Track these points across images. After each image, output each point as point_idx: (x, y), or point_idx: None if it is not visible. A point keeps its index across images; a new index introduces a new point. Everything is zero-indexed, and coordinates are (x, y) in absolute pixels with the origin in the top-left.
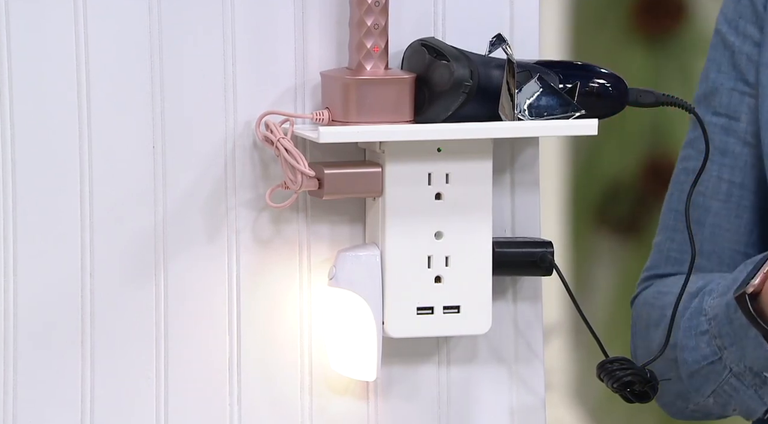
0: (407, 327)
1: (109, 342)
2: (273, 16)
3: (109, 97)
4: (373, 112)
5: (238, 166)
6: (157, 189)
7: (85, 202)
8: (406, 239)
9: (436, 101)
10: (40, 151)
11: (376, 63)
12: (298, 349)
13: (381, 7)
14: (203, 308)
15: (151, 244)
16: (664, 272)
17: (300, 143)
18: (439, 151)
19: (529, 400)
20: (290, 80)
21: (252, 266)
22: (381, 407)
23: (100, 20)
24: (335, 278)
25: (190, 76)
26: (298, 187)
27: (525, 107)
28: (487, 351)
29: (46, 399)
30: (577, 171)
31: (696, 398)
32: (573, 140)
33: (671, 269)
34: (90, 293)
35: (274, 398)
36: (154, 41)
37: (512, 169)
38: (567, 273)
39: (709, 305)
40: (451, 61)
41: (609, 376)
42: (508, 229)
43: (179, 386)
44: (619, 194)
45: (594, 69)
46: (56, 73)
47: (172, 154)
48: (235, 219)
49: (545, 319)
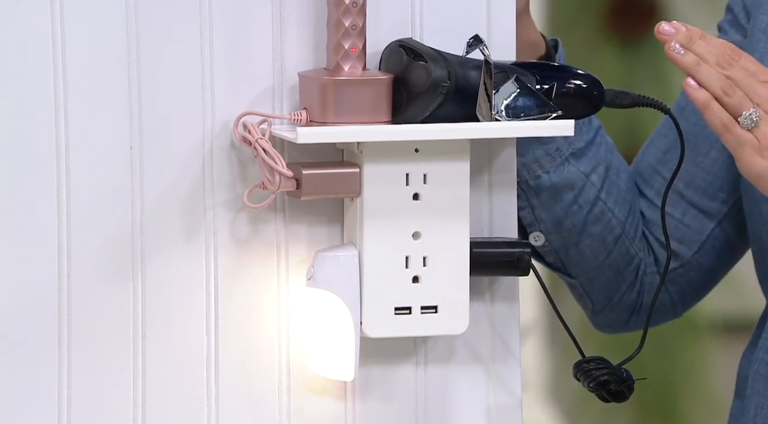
0: (385, 327)
1: (86, 342)
2: (250, 16)
3: (86, 96)
4: (351, 112)
5: (216, 167)
6: (135, 189)
7: (62, 202)
8: (384, 240)
9: (414, 102)
10: (17, 151)
11: (354, 64)
12: (276, 349)
13: (359, 8)
14: (181, 308)
15: (128, 243)
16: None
17: (278, 144)
18: (417, 151)
19: (506, 399)
20: (268, 81)
21: (230, 266)
22: (359, 407)
23: (77, 20)
24: (313, 278)
25: (167, 75)
26: (276, 188)
27: (502, 108)
28: (464, 351)
29: (23, 399)
30: None
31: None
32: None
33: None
34: (67, 293)
35: (252, 397)
36: (131, 40)
37: (490, 169)
38: (543, 273)
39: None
40: (428, 61)
41: (585, 375)
42: (486, 229)
43: (157, 386)
44: None
45: (570, 70)
46: (33, 73)
47: (150, 153)
48: (212, 219)
49: (521, 318)
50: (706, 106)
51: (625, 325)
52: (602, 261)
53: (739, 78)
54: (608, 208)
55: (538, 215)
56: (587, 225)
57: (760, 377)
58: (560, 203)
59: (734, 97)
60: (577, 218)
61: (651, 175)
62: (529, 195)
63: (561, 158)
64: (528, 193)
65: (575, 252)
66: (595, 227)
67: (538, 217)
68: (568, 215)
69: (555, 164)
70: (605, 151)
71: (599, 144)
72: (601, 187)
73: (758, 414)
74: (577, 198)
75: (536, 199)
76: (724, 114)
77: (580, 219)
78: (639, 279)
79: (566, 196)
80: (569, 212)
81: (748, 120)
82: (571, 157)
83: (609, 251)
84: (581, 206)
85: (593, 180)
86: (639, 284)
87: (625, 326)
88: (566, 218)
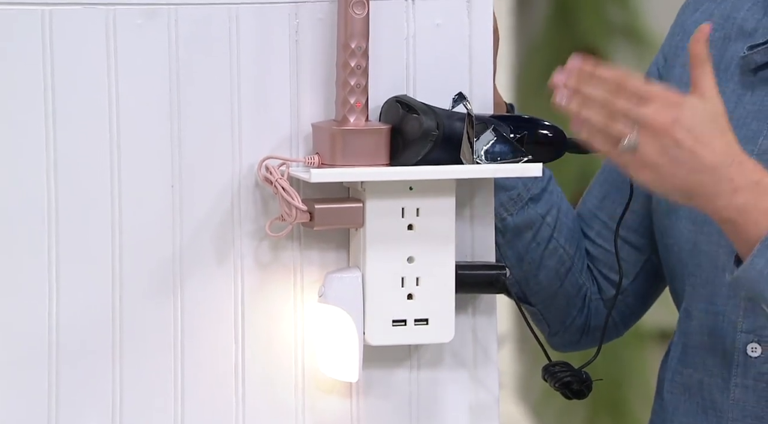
0: (384, 337)
1: (135, 351)
2: (272, 79)
3: (135, 143)
4: (355, 156)
5: (243, 202)
6: (175, 221)
7: (116, 233)
8: (383, 263)
9: (409, 148)
10: (79, 192)
11: (358, 116)
12: (293, 355)
13: (362, 70)
14: (213, 322)
15: (170, 268)
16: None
17: (294, 183)
18: (411, 189)
19: (485, 398)
20: (286, 130)
21: (254, 286)
22: (362, 404)
23: (129, 80)
24: (324, 295)
25: (202, 126)
26: (293, 220)
27: (482, 153)
28: (450, 357)
29: (84, 400)
30: None
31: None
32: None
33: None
34: (119, 310)
35: (273, 396)
36: (173, 97)
37: (472, 204)
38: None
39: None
40: (420, 114)
41: (552, 377)
42: (469, 254)
43: (193, 388)
44: None
45: (539, 122)
46: (93, 126)
47: (188, 192)
48: (240, 246)
49: (498, 329)
50: (591, 139)
51: (577, 344)
52: (556, 290)
53: (621, 106)
54: (560, 244)
55: (504, 252)
56: (544, 259)
57: (676, 384)
58: (522, 241)
59: (614, 127)
60: (536, 253)
61: (591, 219)
62: (496, 236)
63: (522, 202)
64: (495, 234)
65: (534, 283)
66: (550, 261)
67: (504, 253)
68: (528, 250)
69: (517, 208)
70: (557, 197)
71: (551, 191)
72: (554, 226)
73: (675, 412)
74: (535, 236)
75: (502, 239)
76: (604, 147)
77: (538, 254)
78: (587, 305)
79: (526, 235)
80: (529, 248)
81: (627, 146)
82: (530, 202)
83: (562, 282)
84: (539, 243)
85: (548, 221)
86: (587, 309)
87: (577, 345)
88: (527, 254)
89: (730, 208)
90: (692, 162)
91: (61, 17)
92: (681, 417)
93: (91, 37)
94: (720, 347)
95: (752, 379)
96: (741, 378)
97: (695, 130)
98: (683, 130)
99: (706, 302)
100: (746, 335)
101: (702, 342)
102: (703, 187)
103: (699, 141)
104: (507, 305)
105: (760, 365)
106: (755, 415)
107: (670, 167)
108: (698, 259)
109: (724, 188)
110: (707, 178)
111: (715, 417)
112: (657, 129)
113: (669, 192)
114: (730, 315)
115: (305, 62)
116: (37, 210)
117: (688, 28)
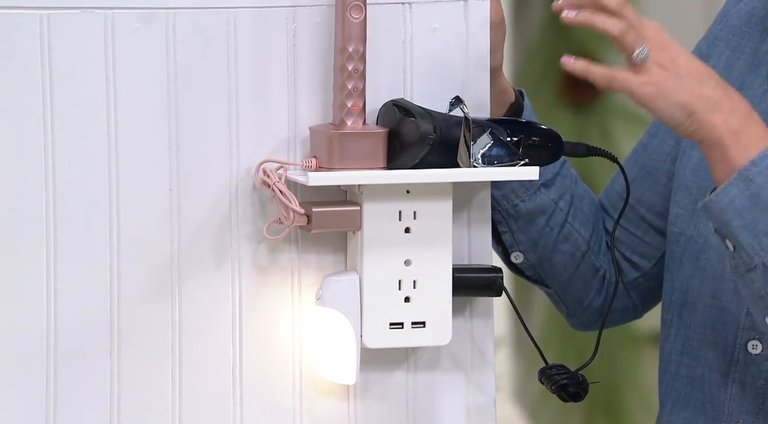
0: (381, 339)
1: (132, 352)
2: (270, 82)
3: (134, 148)
4: (353, 160)
5: (241, 206)
6: (173, 224)
7: (114, 235)
8: (381, 266)
9: (406, 151)
10: (78, 194)
11: (356, 120)
12: (290, 357)
13: (359, 73)
14: (211, 323)
15: (168, 270)
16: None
17: (292, 186)
18: (408, 192)
19: (482, 400)
20: (284, 134)
21: (252, 289)
22: (359, 407)
23: (127, 85)
24: (321, 298)
25: (200, 130)
26: (291, 223)
27: (479, 156)
28: (447, 359)
29: (82, 402)
30: None
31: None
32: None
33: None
34: (117, 311)
35: (271, 398)
36: (171, 102)
37: (469, 207)
38: (513, 294)
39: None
40: (417, 118)
41: (549, 379)
42: (466, 257)
43: (191, 389)
44: None
45: (536, 126)
46: (91, 130)
47: (186, 195)
48: (237, 249)
49: (495, 332)
50: (586, 71)
51: (595, 324)
52: (572, 273)
53: (631, 16)
54: (575, 229)
55: (517, 238)
56: (558, 244)
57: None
58: (535, 226)
59: (629, 35)
60: (550, 238)
61: (618, 201)
62: (509, 221)
63: (533, 188)
64: (508, 220)
65: (549, 266)
66: (565, 245)
67: (517, 239)
68: (541, 235)
69: (529, 194)
70: (570, 182)
71: (564, 175)
72: (568, 211)
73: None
74: (548, 221)
75: (515, 224)
76: (603, 71)
77: (552, 239)
78: (605, 287)
79: (539, 220)
80: (542, 233)
81: (642, 54)
82: (542, 187)
83: (578, 265)
84: (552, 228)
85: (561, 206)
86: (605, 291)
87: (596, 325)
88: (540, 239)
89: (725, 126)
90: (697, 73)
91: (59, 21)
92: (680, 410)
93: (90, 41)
94: (721, 342)
95: (751, 376)
96: (740, 374)
97: (690, 55)
98: (682, 49)
99: (712, 297)
100: (748, 332)
101: (704, 335)
102: (705, 101)
103: (698, 60)
104: (504, 308)
105: (760, 363)
106: (751, 411)
107: (675, 80)
108: (707, 253)
109: (724, 104)
110: (710, 91)
111: (713, 411)
112: (663, 43)
113: (670, 107)
114: (734, 311)
115: (303, 66)
116: (35, 212)
117: (730, 19)
